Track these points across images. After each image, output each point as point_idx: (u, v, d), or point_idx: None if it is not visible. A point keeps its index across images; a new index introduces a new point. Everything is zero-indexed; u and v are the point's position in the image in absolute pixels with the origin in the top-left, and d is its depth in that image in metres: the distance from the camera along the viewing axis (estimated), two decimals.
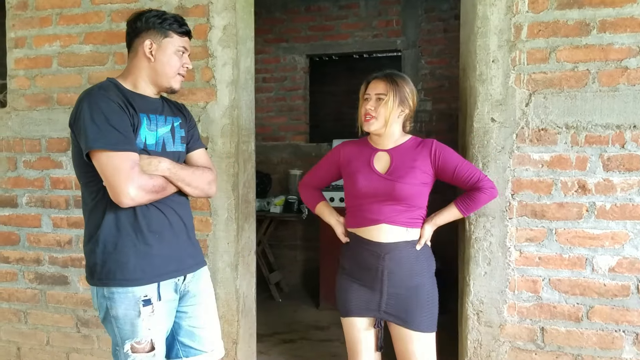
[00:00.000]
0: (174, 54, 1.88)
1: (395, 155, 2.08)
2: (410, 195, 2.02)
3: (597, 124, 2.31)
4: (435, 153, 2.06)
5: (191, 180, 1.89)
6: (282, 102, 5.63)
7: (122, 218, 1.79)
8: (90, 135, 1.70)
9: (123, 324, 1.79)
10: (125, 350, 1.80)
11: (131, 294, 1.77)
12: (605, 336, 2.35)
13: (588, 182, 2.33)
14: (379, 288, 2.04)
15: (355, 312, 2.10)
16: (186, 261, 1.94)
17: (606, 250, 2.33)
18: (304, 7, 5.49)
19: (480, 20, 2.41)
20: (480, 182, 2.06)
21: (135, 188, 1.70)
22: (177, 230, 1.90)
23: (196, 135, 2.08)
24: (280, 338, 3.92)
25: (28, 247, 3.07)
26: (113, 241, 1.79)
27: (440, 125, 5.22)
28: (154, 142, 1.85)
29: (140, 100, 1.86)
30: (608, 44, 2.30)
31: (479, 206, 2.12)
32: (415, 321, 2.02)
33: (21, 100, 3.04)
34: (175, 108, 2.03)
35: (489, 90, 2.41)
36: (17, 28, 3.03)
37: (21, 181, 3.06)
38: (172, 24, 1.87)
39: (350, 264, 2.13)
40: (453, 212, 2.13)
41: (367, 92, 2.11)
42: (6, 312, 3.14)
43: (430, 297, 2.05)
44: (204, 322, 2.00)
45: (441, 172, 2.08)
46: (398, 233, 2.03)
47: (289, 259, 5.53)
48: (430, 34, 5.19)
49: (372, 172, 2.07)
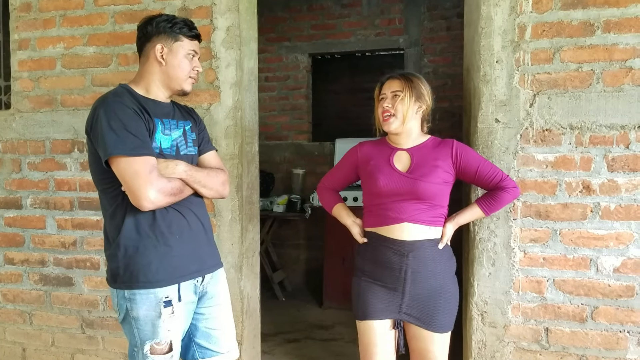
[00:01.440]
0: (185, 58, 1.91)
1: (415, 154, 2.08)
2: (433, 193, 2.01)
3: (602, 125, 2.31)
4: (456, 153, 2.06)
5: (207, 182, 1.92)
6: (285, 101, 5.63)
7: (142, 221, 1.81)
8: (109, 142, 1.72)
9: (144, 325, 1.81)
10: (145, 351, 1.81)
11: (153, 295, 1.80)
12: (609, 337, 2.35)
13: (592, 183, 2.33)
14: (401, 289, 2.02)
15: (374, 314, 2.06)
16: (206, 261, 1.97)
17: (611, 250, 2.33)
18: (306, 5, 5.49)
19: (484, 21, 2.41)
20: (503, 182, 2.07)
21: (155, 191, 1.73)
22: (195, 231, 1.92)
23: (206, 137, 2.11)
24: (284, 338, 3.93)
25: (33, 248, 3.08)
26: (134, 245, 1.81)
27: (443, 123, 5.20)
28: (169, 146, 1.88)
29: (154, 105, 1.89)
30: (612, 44, 2.30)
31: (502, 206, 2.12)
32: (435, 323, 2.01)
33: (25, 102, 3.05)
34: (185, 112, 2.06)
35: (493, 90, 2.40)
36: (21, 30, 3.03)
37: (25, 183, 3.07)
38: (183, 27, 1.90)
39: (370, 266, 2.10)
40: (475, 212, 2.14)
41: (382, 92, 2.11)
42: (11, 313, 3.15)
43: (452, 298, 2.05)
44: (220, 323, 2.02)
45: (462, 172, 2.08)
46: (421, 231, 2.02)
47: (292, 258, 5.54)
48: (432, 32, 5.19)
49: (393, 170, 2.06)
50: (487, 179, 2.07)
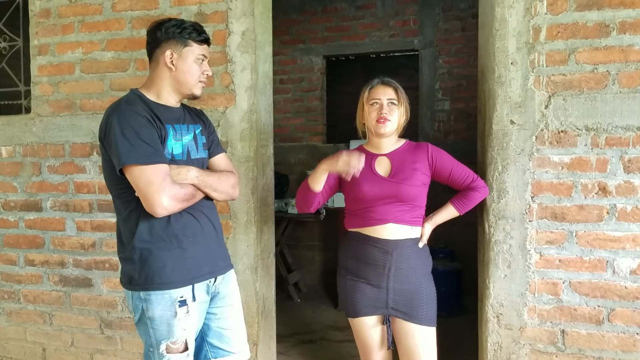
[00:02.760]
0: (194, 62, 1.92)
1: (395, 159, 2.18)
2: (414, 195, 2.12)
3: (618, 126, 2.29)
4: (432, 156, 2.18)
5: (218, 186, 1.96)
6: (299, 103, 5.65)
7: (156, 225, 1.84)
8: (122, 150, 1.75)
9: (159, 325, 1.84)
10: (161, 351, 1.84)
11: (168, 295, 1.83)
12: (626, 339, 2.33)
13: (609, 184, 2.32)
14: (385, 285, 2.11)
15: (364, 311, 2.16)
16: (218, 263, 2.00)
17: (627, 252, 2.31)
18: (320, 8, 5.50)
19: (498, 23, 2.40)
20: (474, 182, 2.21)
21: (168, 198, 1.76)
22: (207, 233, 1.95)
23: (216, 140, 2.13)
24: (299, 339, 3.95)
25: (52, 250, 3.13)
26: (148, 248, 1.84)
27: (458, 124, 5.21)
28: (180, 152, 1.91)
29: (165, 111, 1.92)
30: (628, 45, 2.28)
31: (474, 204, 2.24)
32: (419, 315, 2.10)
33: (45, 107, 3.10)
34: (195, 115, 2.08)
35: (508, 92, 2.40)
36: (40, 35, 3.09)
37: (45, 185, 3.13)
38: (192, 32, 1.91)
39: (354, 264, 2.19)
40: (450, 211, 2.24)
41: (373, 97, 2.17)
42: (32, 313, 3.21)
43: (430, 293, 2.15)
44: (232, 323, 2.05)
45: (438, 174, 2.20)
46: (404, 231, 2.13)
47: (307, 260, 5.55)
48: (447, 33, 5.18)
49: (376, 176, 2.15)
50: (460, 180, 2.20)
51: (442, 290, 2.22)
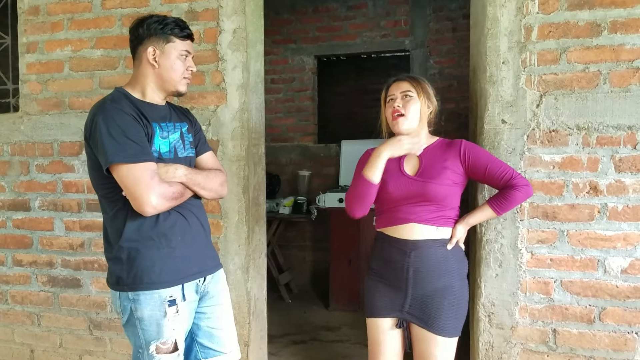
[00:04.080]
0: (177, 59, 1.89)
1: (424, 157, 2.08)
2: (443, 195, 2.00)
3: (609, 125, 2.30)
4: (464, 152, 2.05)
5: (206, 184, 1.93)
6: (291, 103, 5.64)
7: (144, 224, 1.81)
8: (109, 149, 1.72)
9: (148, 325, 1.81)
10: (150, 352, 1.82)
11: (157, 295, 1.81)
12: (617, 338, 2.34)
13: (600, 184, 2.32)
14: (404, 287, 2.01)
15: (378, 312, 2.08)
16: (206, 263, 1.98)
17: (618, 251, 2.32)
18: (311, 8, 5.50)
19: (490, 22, 2.41)
20: (514, 180, 2.02)
21: (157, 197, 1.73)
22: (196, 232, 1.93)
23: (203, 138, 2.11)
24: (290, 339, 3.93)
25: (41, 250, 3.10)
26: (136, 247, 1.82)
27: (449, 125, 5.20)
28: (167, 150, 1.88)
29: (151, 109, 1.89)
30: (619, 44, 2.29)
31: (514, 205, 2.09)
32: (438, 325, 1.98)
33: (33, 105, 3.07)
34: (181, 113, 2.06)
35: (500, 91, 2.40)
36: (29, 33, 3.06)
37: (34, 185, 3.09)
38: (174, 28, 1.88)
39: (377, 264, 2.12)
40: (486, 212, 2.11)
41: (389, 94, 2.10)
42: (20, 314, 3.17)
43: (457, 301, 2.01)
44: (222, 323, 2.03)
45: (472, 172, 2.06)
46: (427, 231, 2.01)
47: (299, 260, 5.54)
48: (438, 34, 5.19)
49: (402, 175, 2.06)
50: (497, 177, 2.03)
51: None
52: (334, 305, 4.61)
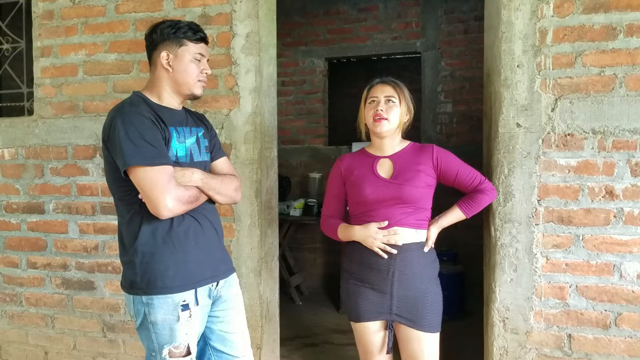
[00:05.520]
0: (191, 62, 1.91)
1: (397, 160, 2.14)
2: (417, 197, 2.07)
3: (625, 129, 2.28)
4: (437, 158, 2.13)
5: (221, 189, 1.94)
6: (301, 106, 5.65)
7: (159, 228, 1.83)
8: (127, 152, 1.73)
9: (162, 329, 1.83)
10: (163, 356, 1.83)
11: (170, 299, 1.82)
12: (634, 343, 2.32)
13: (615, 188, 2.30)
14: (389, 290, 2.07)
15: (367, 316, 2.12)
16: (219, 267, 1.98)
17: (634, 256, 2.30)
18: (322, 10, 5.50)
19: (504, 25, 2.39)
20: (481, 185, 2.15)
21: (173, 200, 1.74)
22: (209, 237, 1.94)
23: (218, 144, 2.13)
24: (302, 342, 3.93)
25: (55, 252, 3.12)
26: (151, 251, 1.83)
27: (460, 127, 5.20)
28: (183, 154, 1.90)
29: (168, 113, 1.91)
30: (635, 48, 2.27)
31: (481, 207, 2.18)
32: (424, 322, 2.06)
33: (48, 109, 3.09)
34: (196, 118, 2.08)
35: (514, 95, 2.39)
36: (44, 37, 3.08)
37: (48, 188, 3.11)
38: (186, 32, 1.89)
39: (357, 268, 2.15)
40: (456, 214, 2.19)
41: (372, 95, 2.15)
42: (34, 316, 3.19)
43: (437, 298, 2.11)
44: (235, 327, 2.03)
45: (443, 176, 2.15)
46: (408, 235, 2.07)
47: (309, 262, 5.54)
48: (450, 36, 5.18)
49: (378, 178, 2.12)
50: (467, 182, 2.15)
51: (445, 294, 2.18)
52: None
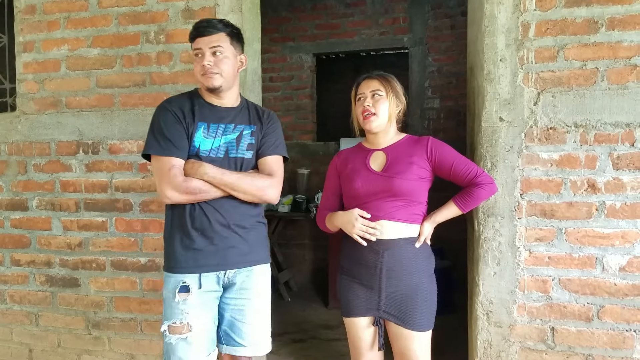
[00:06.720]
0: (195, 59, 2.03)
1: (391, 153, 2.11)
2: (409, 190, 2.02)
3: (607, 123, 2.29)
4: (431, 149, 2.07)
5: (237, 185, 1.98)
6: (289, 101, 5.64)
7: (176, 216, 2.03)
8: (147, 141, 2.00)
9: (166, 306, 2.03)
10: (163, 330, 2.00)
11: (173, 278, 2.01)
12: (616, 336, 2.34)
13: (598, 181, 2.32)
14: (378, 287, 2.05)
15: (355, 312, 2.11)
16: (229, 258, 2.03)
17: (616, 249, 2.31)
18: (310, 5, 5.49)
19: (487, 19, 2.40)
20: (478, 178, 2.05)
21: (170, 189, 1.92)
22: (218, 229, 2.00)
23: (269, 142, 2.12)
24: (290, 337, 3.92)
25: (39, 249, 3.09)
26: (169, 235, 2.06)
27: (447, 122, 5.21)
28: (208, 149, 2.00)
29: (208, 110, 2.05)
30: (617, 41, 2.28)
31: (478, 202, 2.11)
32: (414, 321, 2.02)
33: (30, 104, 3.06)
34: (254, 117, 2.13)
35: (497, 89, 2.40)
36: (26, 32, 3.05)
37: (31, 184, 3.09)
38: (192, 32, 2.03)
39: (349, 263, 2.14)
40: (452, 209, 2.11)
41: (359, 92, 2.15)
42: (18, 314, 3.17)
43: (429, 296, 2.06)
44: (247, 317, 2.07)
45: (438, 169, 2.08)
46: (397, 229, 2.03)
47: (298, 258, 5.55)
48: (437, 31, 5.18)
49: (369, 171, 2.09)
50: (462, 174, 2.06)
51: None
52: (333, 304, 4.61)
